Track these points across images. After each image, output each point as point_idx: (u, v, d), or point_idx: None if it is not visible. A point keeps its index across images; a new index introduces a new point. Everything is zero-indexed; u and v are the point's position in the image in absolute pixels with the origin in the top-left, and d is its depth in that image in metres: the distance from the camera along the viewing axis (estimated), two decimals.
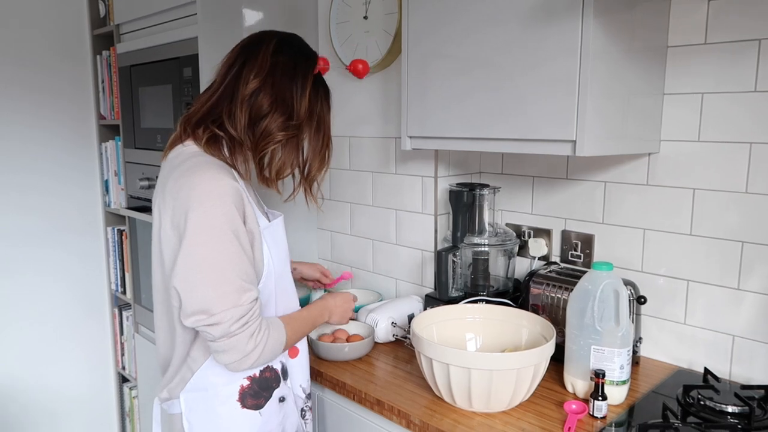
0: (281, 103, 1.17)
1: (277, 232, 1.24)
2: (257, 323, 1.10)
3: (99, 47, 2.43)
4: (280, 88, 1.17)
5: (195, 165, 1.11)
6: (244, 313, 1.07)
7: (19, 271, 2.36)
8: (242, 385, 1.18)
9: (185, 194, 1.07)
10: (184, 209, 1.06)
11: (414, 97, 1.47)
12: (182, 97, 1.84)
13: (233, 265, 1.06)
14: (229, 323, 1.05)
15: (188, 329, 1.15)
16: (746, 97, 1.27)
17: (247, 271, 1.09)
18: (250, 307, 1.08)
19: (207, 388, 1.17)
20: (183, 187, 1.08)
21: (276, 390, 1.23)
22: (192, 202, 1.06)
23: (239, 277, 1.07)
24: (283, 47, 1.20)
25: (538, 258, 1.66)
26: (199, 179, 1.07)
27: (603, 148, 1.22)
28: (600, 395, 1.18)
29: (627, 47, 1.23)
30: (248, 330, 1.08)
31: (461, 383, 1.18)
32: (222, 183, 1.08)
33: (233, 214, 1.07)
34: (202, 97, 1.20)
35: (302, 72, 1.20)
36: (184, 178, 1.09)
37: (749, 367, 1.32)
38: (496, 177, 1.76)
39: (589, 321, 1.22)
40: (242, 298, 1.07)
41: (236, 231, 1.07)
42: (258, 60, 1.17)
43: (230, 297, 1.05)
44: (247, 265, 1.09)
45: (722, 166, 1.32)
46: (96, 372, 2.62)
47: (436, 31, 1.40)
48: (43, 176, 2.38)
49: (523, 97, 1.24)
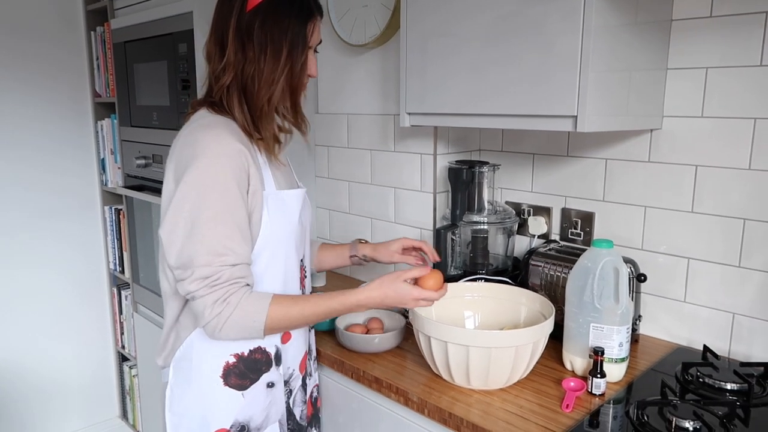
0: (218, 41, 1.12)
1: (286, 202, 1.16)
2: (225, 290, 1.04)
3: (93, 23, 2.40)
4: (216, 22, 1.13)
5: (201, 124, 1.10)
6: (209, 275, 1.03)
7: (17, 251, 2.35)
8: (228, 361, 1.14)
9: (187, 151, 1.06)
10: (183, 164, 1.06)
11: (413, 73, 1.45)
12: (177, 74, 1.81)
13: (214, 225, 1.03)
14: (189, 281, 1.03)
15: (177, 293, 1.12)
16: (751, 72, 1.25)
17: (230, 235, 1.05)
18: (218, 269, 1.03)
19: (192, 359, 1.14)
20: (186, 144, 1.08)
21: (265, 374, 1.18)
22: (190, 159, 1.05)
23: (217, 239, 1.03)
24: None
25: (538, 236, 1.64)
26: (201, 136, 1.07)
27: (605, 123, 1.20)
28: (599, 373, 1.18)
29: (631, 20, 1.20)
30: (213, 295, 1.03)
31: (459, 361, 1.18)
32: (222, 142, 1.05)
33: (227, 174, 1.04)
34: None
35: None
36: (190, 135, 1.09)
37: (749, 345, 1.32)
38: (496, 154, 1.74)
39: (589, 299, 1.22)
40: (214, 260, 1.03)
41: (227, 192, 1.04)
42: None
43: (202, 256, 1.03)
44: (232, 228, 1.05)
45: (725, 142, 1.30)
46: (96, 351, 2.63)
47: (436, 5, 1.37)
48: (39, 156, 2.36)
49: (523, 73, 1.22)
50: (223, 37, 1.11)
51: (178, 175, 1.06)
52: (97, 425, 2.67)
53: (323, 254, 1.48)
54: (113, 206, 2.52)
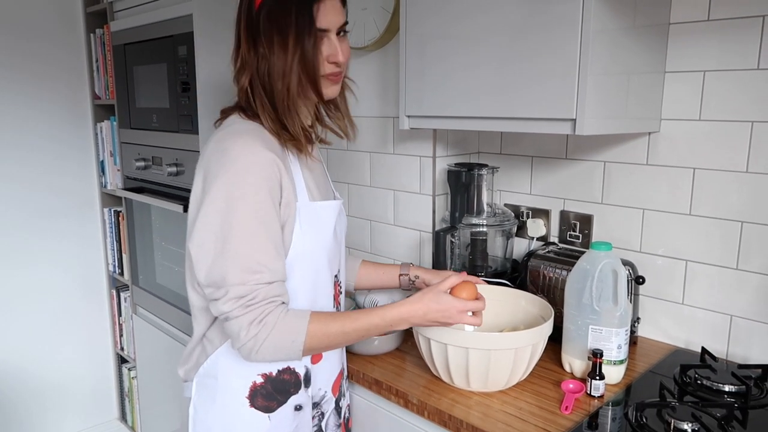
0: (236, 45, 1.10)
1: (320, 214, 1.11)
2: (261, 310, 0.98)
3: (92, 25, 2.40)
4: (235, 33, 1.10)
5: (231, 131, 1.05)
6: (244, 294, 0.98)
7: (16, 253, 2.35)
8: (255, 381, 1.09)
9: (216, 160, 1.01)
10: (212, 174, 1.01)
11: (412, 75, 1.45)
12: (177, 76, 1.82)
13: (247, 240, 0.98)
14: (223, 301, 0.98)
15: (206, 306, 1.08)
16: (748, 75, 1.26)
17: (264, 250, 0.99)
18: (254, 288, 0.98)
19: (218, 377, 1.10)
20: (215, 152, 1.03)
21: (293, 396, 1.12)
22: (219, 168, 1.00)
23: (250, 255, 0.98)
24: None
25: (537, 238, 1.65)
26: (231, 144, 1.01)
27: (603, 126, 1.21)
28: (597, 375, 1.18)
29: (629, 24, 1.21)
30: (248, 316, 0.98)
31: (459, 363, 1.18)
32: (253, 150, 1.00)
33: (259, 185, 0.99)
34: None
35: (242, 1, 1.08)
36: (220, 143, 1.03)
37: (747, 347, 1.33)
38: (495, 157, 1.74)
39: (588, 301, 1.22)
40: (249, 278, 0.98)
41: (259, 204, 0.99)
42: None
43: (236, 274, 0.98)
44: (266, 243, 1.00)
45: (723, 145, 1.31)
46: (95, 353, 2.63)
47: (435, 8, 1.37)
48: (39, 157, 2.36)
49: (522, 76, 1.22)
50: (238, 40, 1.09)
51: (207, 186, 1.01)
52: (96, 427, 2.67)
53: (366, 271, 1.40)
54: (112, 208, 2.52)
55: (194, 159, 1.81)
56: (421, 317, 1.08)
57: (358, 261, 1.42)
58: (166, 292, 2.14)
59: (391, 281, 1.39)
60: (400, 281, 1.38)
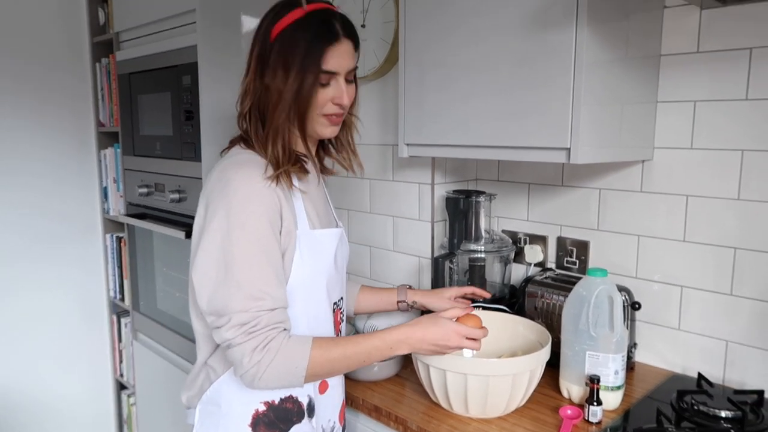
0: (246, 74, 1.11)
1: (321, 242, 1.12)
2: (263, 336, 0.99)
3: (98, 55, 2.45)
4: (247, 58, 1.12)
5: (233, 162, 1.07)
6: (247, 321, 0.99)
7: (18, 277, 2.37)
8: (257, 409, 1.09)
9: (218, 190, 1.03)
10: (213, 204, 1.03)
11: (411, 105, 1.49)
12: (181, 105, 1.86)
13: (248, 268, 1.00)
14: (226, 328, 0.99)
15: (209, 333, 1.09)
16: (738, 105, 1.29)
17: (265, 278, 1.01)
18: (256, 315, 0.99)
19: (221, 404, 1.10)
20: (217, 182, 1.05)
21: (296, 425, 1.12)
22: (220, 198, 1.02)
23: (252, 283, 1.00)
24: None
25: (534, 264, 1.67)
26: (233, 174, 1.03)
27: (597, 155, 1.24)
28: (595, 400, 1.19)
29: (621, 56, 1.25)
30: (251, 342, 0.98)
31: (458, 389, 1.19)
32: (252, 181, 1.02)
33: (260, 214, 1.01)
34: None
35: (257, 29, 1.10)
36: (222, 173, 1.05)
37: (742, 372, 1.34)
38: (492, 184, 1.77)
39: (584, 327, 1.24)
40: (251, 305, 0.99)
41: (260, 233, 1.01)
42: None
43: (238, 301, 0.99)
44: (267, 271, 1.01)
45: (715, 173, 1.34)
46: (94, 379, 2.63)
47: (433, 39, 1.41)
48: (42, 182, 2.39)
49: (518, 106, 1.26)
50: (247, 69, 1.11)
51: (209, 216, 1.03)
52: None
53: (364, 296, 1.43)
54: (114, 234, 2.54)
55: (197, 186, 1.84)
56: (419, 339, 1.09)
57: (357, 286, 1.44)
58: (167, 318, 2.14)
59: (390, 305, 1.42)
60: (398, 307, 1.41)
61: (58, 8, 2.36)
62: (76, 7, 2.41)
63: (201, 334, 1.13)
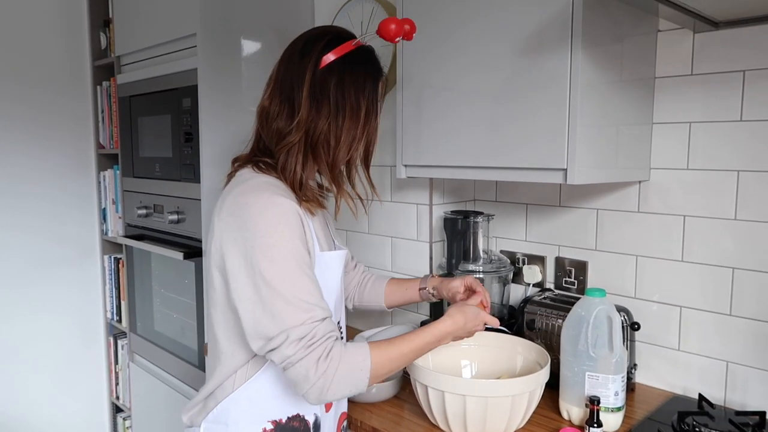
0: (285, 99, 1.10)
1: (329, 264, 1.14)
2: (323, 347, 0.98)
3: (99, 78, 2.47)
4: (283, 81, 1.11)
5: (252, 185, 1.06)
6: (304, 334, 0.97)
7: (15, 299, 2.36)
8: (265, 428, 1.09)
9: (243, 214, 1.02)
10: (243, 228, 1.02)
11: (409, 126, 1.50)
12: (181, 127, 1.87)
13: (292, 284, 0.99)
14: (285, 346, 0.97)
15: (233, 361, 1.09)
16: (732, 127, 1.30)
17: (310, 290, 1.00)
18: (312, 327, 0.97)
19: (228, 423, 1.09)
20: (239, 204, 1.04)
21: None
22: (250, 223, 1.01)
23: (300, 297, 0.99)
24: (294, 41, 1.13)
25: (533, 284, 1.67)
26: (256, 198, 1.03)
27: (594, 176, 1.25)
28: (595, 422, 1.18)
29: (616, 78, 1.26)
30: (313, 354, 0.97)
31: (457, 411, 1.18)
32: (277, 201, 1.03)
33: (290, 232, 1.01)
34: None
35: (305, 54, 1.09)
36: (242, 197, 1.04)
37: (743, 393, 1.33)
38: (491, 204, 1.78)
39: (583, 347, 1.23)
40: (301, 318, 0.97)
41: (294, 248, 1.01)
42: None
43: (291, 317, 0.98)
44: (309, 283, 1.01)
45: (711, 193, 1.35)
46: (90, 401, 2.60)
47: (430, 62, 1.43)
48: (42, 203, 2.40)
49: (515, 127, 1.27)
50: (292, 94, 1.09)
51: (238, 240, 1.02)
52: None
53: (390, 289, 1.45)
54: (113, 255, 2.53)
55: (196, 207, 1.85)
56: (460, 327, 1.17)
57: (385, 281, 1.47)
58: (164, 340, 2.13)
59: (414, 295, 1.45)
60: (420, 295, 1.44)
61: (61, 32, 2.39)
62: (78, 31, 2.44)
63: (227, 353, 1.11)
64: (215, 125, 1.80)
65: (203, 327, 1.89)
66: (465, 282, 1.35)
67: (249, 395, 1.09)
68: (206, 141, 1.79)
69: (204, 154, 1.79)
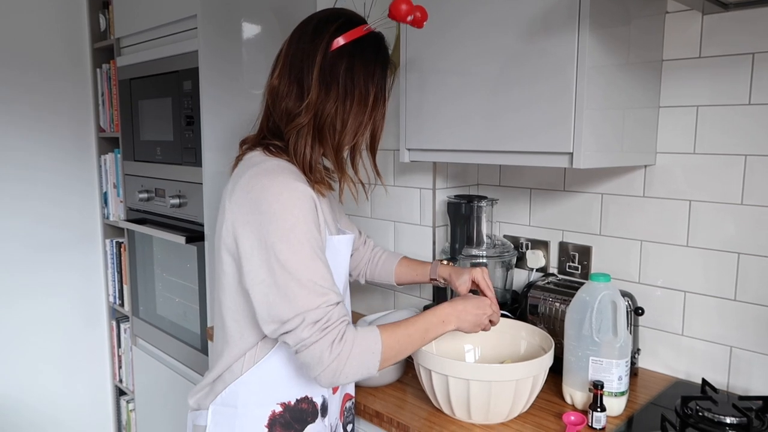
0: (295, 79, 1.08)
1: (338, 248, 1.14)
2: (338, 330, 0.99)
3: (99, 60, 2.45)
4: (293, 61, 1.09)
5: (264, 169, 1.06)
6: (319, 317, 0.98)
7: (17, 282, 2.36)
8: (274, 410, 1.10)
9: (256, 196, 1.02)
10: (256, 212, 1.01)
11: (412, 110, 1.49)
12: (182, 110, 1.85)
13: (306, 268, 0.99)
14: (301, 329, 0.98)
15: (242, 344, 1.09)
16: (740, 110, 1.29)
17: (323, 275, 1.01)
18: (326, 311, 0.99)
19: (237, 405, 1.10)
20: (254, 188, 1.03)
21: (310, 425, 1.13)
22: (266, 206, 1.01)
23: (315, 281, 0.99)
24: (305, 21, 1.12)
25: (536, 269, 1.66)
26: (269, 182, 1.02)
27: (600, 160, 1.23)
28: (599, 406, 1.18)
29: (623, 61, 1.25)
30: (328, 337, 0.98)
31: (460, 395, 1.18)
32: (291, 186, 1.02)
33: (306, 216, 1.01)
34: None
35: (316, 35, 1.08)
36: (255, 181, 1.03)
37: (747, 378, 1.33)
38: (494, 189, 1.77)
39: (587, 332, 1.23)
40: (316, 302, 0.98)
41: (309, 233, 1.01)
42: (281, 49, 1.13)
43: (306, 300, 0.98)
44: (323, 268, 1.01)
45: (718, 177, 1.33)
46: (93, 385, 2.61)
47: (434, 44, 1.41)
48: (42, 188, 2.39)
49: (520, 111, 1.26)
50: (302, 75, 1.08)
51: (254, 224, 1.01)
52: None
53: (402, 270, 1.47)
54: (114, 239, 2.53)
55: (197, 191, 1.84)
56: (460, 311, 1.17)
57: (397, 258, 1.49)
58: (167, 324, 2.14)
59: (423, 280, 1.46)
60: (430, 282, 1.45)
61: (59, 14, 2.37)
62: (77, 14, 2.41)
63: (234, 337, 1.10)
64: (216, 108, 1.78)
65: (206, 311, 1.89)
66: (471, 275, 1.34)
67: (258, 378, 1.10)
68: (207, 124, 1.77)
69: (205, 137, 1.78)
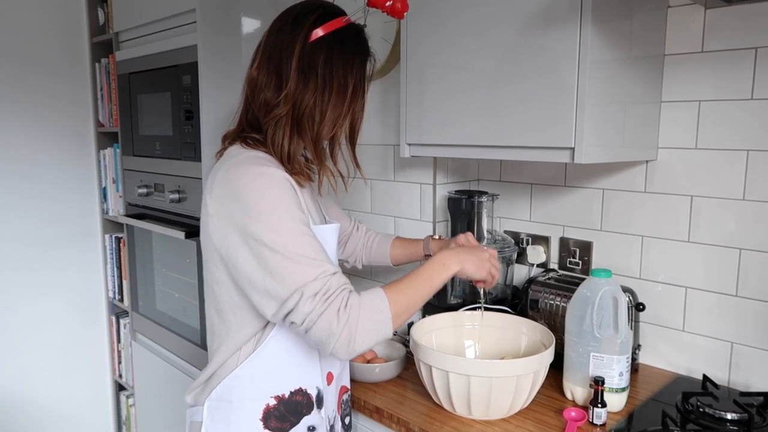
0: (274, 70, 1.09)
1: (323, 238, 1.12)
2: (341, 297, 0.98)
3: (98, 55, 2.44)
4: (272, 52, 1.09)
5: (241, 160, 1.06)
6: (319, 289, 0.97)
7: (16, 279, 2.35)
8: (268, 404, 1.10)
9: (233, 185, 1.03)
10: (235, 199, 1.02)
11: (413, 104, 1.48)
12: (181, 105, 1.84)
13: (295, 244, 0.99)
14: (302, 303, 0.96)
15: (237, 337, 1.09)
16: (743, 105, 1.28)
17: (315, 248, 1.00)
18: (325, 281, 0.98)
19: (232, 400, 1.10)
20: (231, 179, 1.04)
21: (306, 417, 1.13)
22: (240, 194, 1.01)
23: (307, 254, 0.99)
24: (284, 12, 1.12)
25: (537, 265, 1.66)
26: (248, 169, 1.03)
27: (601, 155, 1.23)
28: (599, 402, 1.18)
29: (625, 55, 1.24)
30: (333, 306, 0.96)
31: (461, 391, 1.18)
32: (270, 172, 1.03)
33: (284, 197, 1.02)
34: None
35: (295, 26, 1.08)
36: (232, 170, 1.05)
37: (748, 374, 1.33)
38: (495, 184, 1.76)
39: (588, 328, 1.23)
40: (312, 273, 0.97)
41: (290, 213, 1.01)
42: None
43: (301, 275, 0.97)
44: (313, 242, 1.01)
45: (720, 173, 1.33)
46: (93, 380, 2.61)
47: (435, 39, 1.40)
48: (41, 183, 2.38)
49: (522, 106, 1.25)
50: (281, 66, 1.08)
51: (235, 215, 1.01)
52: None
53: (396, 252, 1.50)
54: (113, 234, 2.52)
55: (197, 186, 1.83)
56: (460, 252, 1.18)
57: (389, 243, 1.51)
58: (166, 319, 2.13)
59: (419, 256, 1.49)
60: (425, 258, 1.47)
61: (57, 9, 2.35)
62: (75, 8, 2.40)
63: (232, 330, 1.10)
64: (216, 103, 1.77)
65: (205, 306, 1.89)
66: (456, 241, 1.35)
67: (251, 371, 1.10)
68: (207, 119, 1.76)
69: (204, 132, 1.77)
